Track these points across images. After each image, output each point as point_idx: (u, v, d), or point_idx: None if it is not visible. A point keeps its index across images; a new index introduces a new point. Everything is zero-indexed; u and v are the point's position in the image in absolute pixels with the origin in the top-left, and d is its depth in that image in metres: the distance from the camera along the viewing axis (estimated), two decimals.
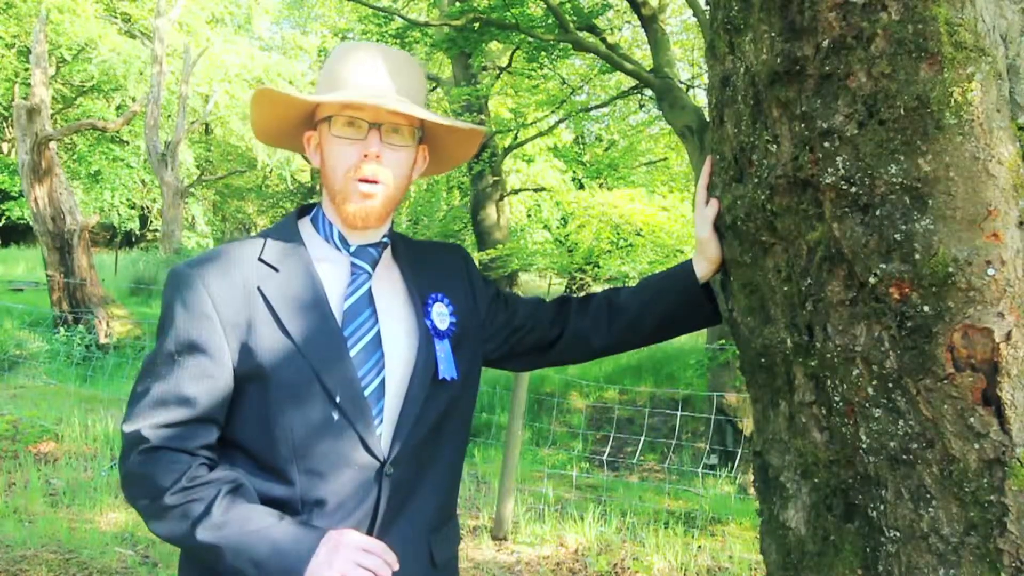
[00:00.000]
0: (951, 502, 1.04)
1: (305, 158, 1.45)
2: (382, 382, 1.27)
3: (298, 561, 1.13)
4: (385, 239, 1.36)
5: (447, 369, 1.32)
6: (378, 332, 1.29)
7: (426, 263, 1.42)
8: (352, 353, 1.25)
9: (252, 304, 1.23)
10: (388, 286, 1.35)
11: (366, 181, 1.26)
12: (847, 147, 1.05)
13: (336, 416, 1.22)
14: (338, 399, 1.22)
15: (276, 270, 1.26)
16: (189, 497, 1.16)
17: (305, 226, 1.35)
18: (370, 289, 1.30)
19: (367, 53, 1.30)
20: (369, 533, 1.25)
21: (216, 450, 1.25)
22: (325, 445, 1.22)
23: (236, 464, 1.24)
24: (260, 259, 1.27)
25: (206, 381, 1.20)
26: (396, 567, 1.17)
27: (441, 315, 1.36)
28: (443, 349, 1.33)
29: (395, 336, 1.30)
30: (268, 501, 1.22)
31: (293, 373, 1.21)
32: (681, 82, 9.44)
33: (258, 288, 1.24)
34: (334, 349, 1.23)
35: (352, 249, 1.32)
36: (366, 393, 1.25)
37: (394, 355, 1.29)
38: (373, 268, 1.32)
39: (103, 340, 9.89)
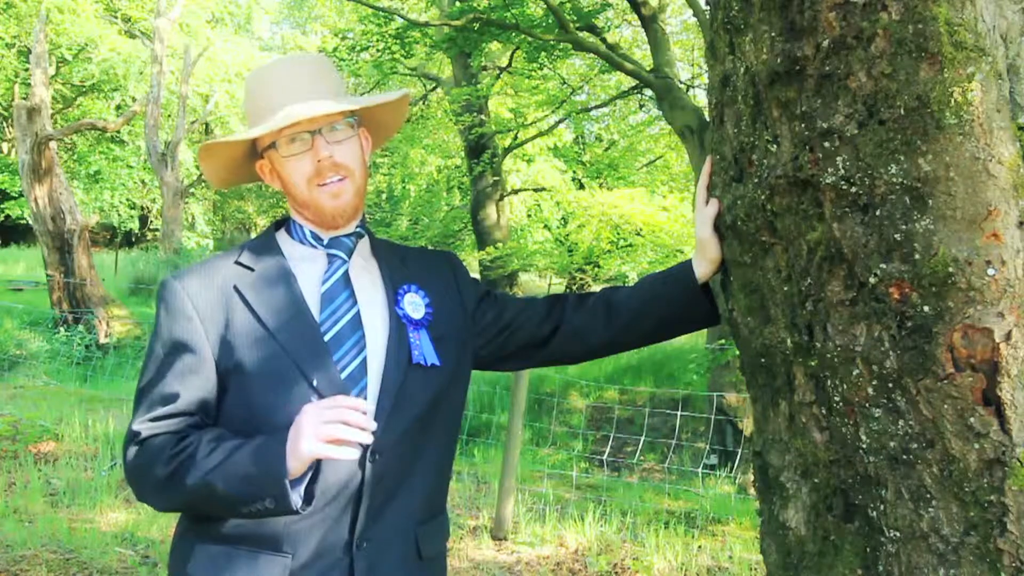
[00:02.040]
0: (951, 502, 1.04)
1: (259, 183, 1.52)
2: (362, 362, 1.30)
3: (277, 456, 1.17)
4: (359, 230, 1.41)
5: (422, 355, 1.34)
6: (357, 313, 1.33)
7: (405, 261, 1.47)
8: (330, 335, 1.30)
9: (229, 302, 1.30)
10: (365, 276, 1.40)
11: (330, 184, 1.32)
12: (847, 147, 1.05)
13: (315, 400, 1.25)
14: (315, 383, 1.26)
15: (251, 270, 1.34)
16: (177, 460, 1.22)
17: (281, 234, 1.42)
18: (346, 272, 1.36)
19: (279, 70, 1.35)
20: (354, 521, 1.27)
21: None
22: None
23: None
24: (237, 262, 1.35)
25: (190, 376, 1.27)
26: (364, 407, 1.18)
27: (414, 304, 1.39)
28: (418, 336, 1.36)
29: (373, 323, 1.35)
30: None
31: (270, 361, 1.26)
32: (681, 82, 9.44)
33: (234, 287, 1.31)
34: (308, 335, 1.28)
35: (326, 242, 1.38)
36: (344, 375, 1.28)
37: (373, 338, 1.33)
38: (349, 256, 1.38)
39: (103, 340, 9.89)
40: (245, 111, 1.40)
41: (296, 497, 1.18)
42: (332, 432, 1.14)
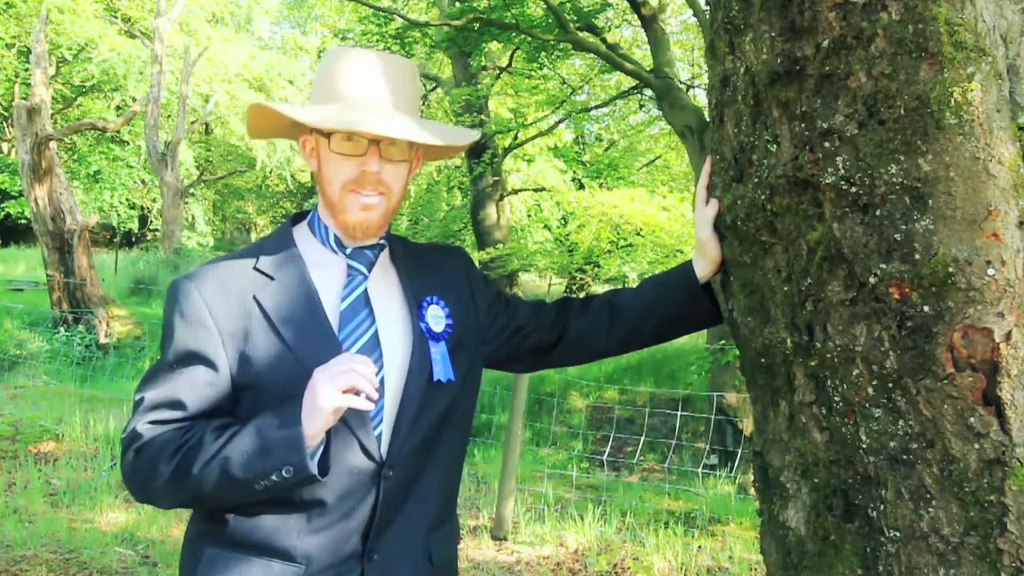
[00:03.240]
0: (951, 502, 1.04)
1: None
2: (381, 381, 1.27)
3: (292, 419, 1.15)
4: (382, 241, 1.37)
5: (442, 371, 1.32)
6: (376, 332, 1.30)
7: (423, 266, 1.43)
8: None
9: (249, 313, 1.25)
10: (384, 288, 1.36)
11: (365, 196, 1.27)
12: (847, 147, 1.05)
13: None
14: None
15: (271, 279, 1.28)
16: (183, 451, 1.18)
17: (300, 232, 1.37)
18: (366, 290, 1.32)
19: (361, 61, 1.28)
20: (367, 532, 1.26)
21: None
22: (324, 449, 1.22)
23: None
24: (256, 269, 1.29)
25: (203, 388, 1.22)
26: (370, 363, 1.16)
27: (436, 317, 1.36)
28: (439, 351, 1.33)
29: (392, 338, 1.31)
30: (269, 500, 1.22)
31: (290, 379, 1.21)
32: (681, 82, 9.44)
33: (254, 297, 1.26)
34: (328, 353, 1.23)
35: (348, 251, 1.33)
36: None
37: (391, 356, 1.30)
38: (369, 270, 1.33)
39: (103, 340, 9.89)
40: (315, 83, 1.32)
41: (314, 465, 1.15)
42: (348, 380, 1.13)
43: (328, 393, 1.13)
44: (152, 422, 1.22)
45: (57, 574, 3.46)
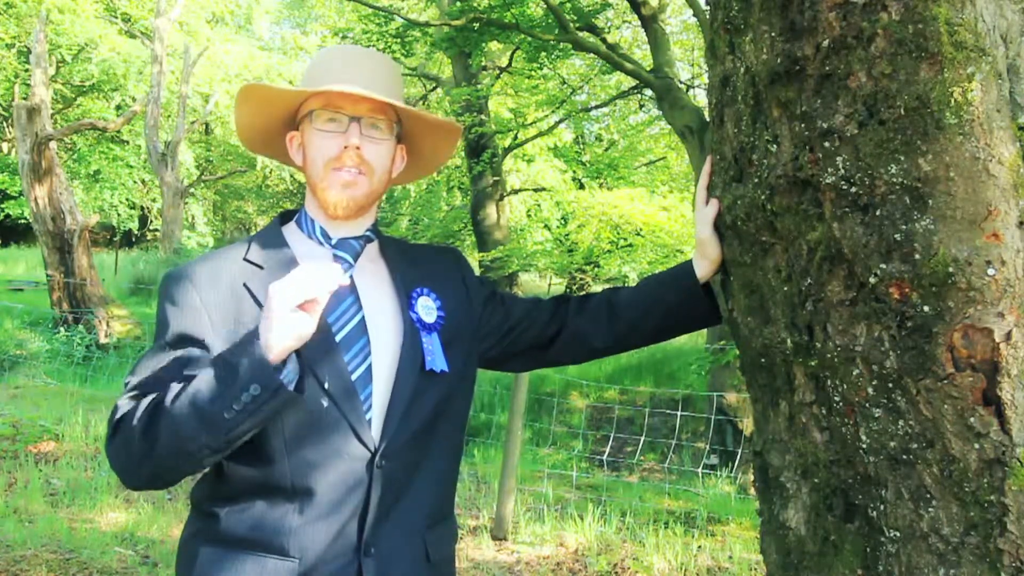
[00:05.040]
0: (951, 502, 1.04)
1: (284, 164, 1.50)
2: (368, 368, 1.29)
3: (248, 339, 1.13)
4: (368, 233, 1.39)
5: (434, 361, 1.33)
6: (362, 319, 1.31)
7: (415, 261, 1.45)
8: (336, 340, 1.27)
9: (239, 301, 1.27)
10: (373, 280, 1.37)
11: (346, 171, 1.30)
12: (847, 147, 1.05)
13: (326, 403, 1.24)
14: (327, 386, 1.24)
15: (261, 268, 1.31)
16: (152, 404, 1.15)
17: (289, 229, 1.40)
18: (351, 278, 1.33)
19: (346, 53, 1.36)
20: (361, 527, 1.25)
21: None
22: (316, 434, 1.23)
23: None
24: (245, 259, 1.32)
25: (193, 367, 1.22)
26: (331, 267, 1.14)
27: (427, 308, 1.37)
28: (431, 342, 1.34)
29: (381, 327, 1.32)
30: (260, 488, 1.23)
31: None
32: (681, 82, 9.44)
33: (244, 285, 1.28)
34: (322, 338, 1.24)
35: (334, 242, 1.36)
36: (352, 379, 1.26)
37: (381, 345, 1.31)
38: (355, 259, 1.35)
39: (103, 340, 9.89)
40: (304, 77, 1.38)
41: (281, 378, 1.12)
42: (298, 289, 1.10)
43: (280, 301, 1.10)
44: (133, 397, 1.20)
45: (57, 574, 3.46)
